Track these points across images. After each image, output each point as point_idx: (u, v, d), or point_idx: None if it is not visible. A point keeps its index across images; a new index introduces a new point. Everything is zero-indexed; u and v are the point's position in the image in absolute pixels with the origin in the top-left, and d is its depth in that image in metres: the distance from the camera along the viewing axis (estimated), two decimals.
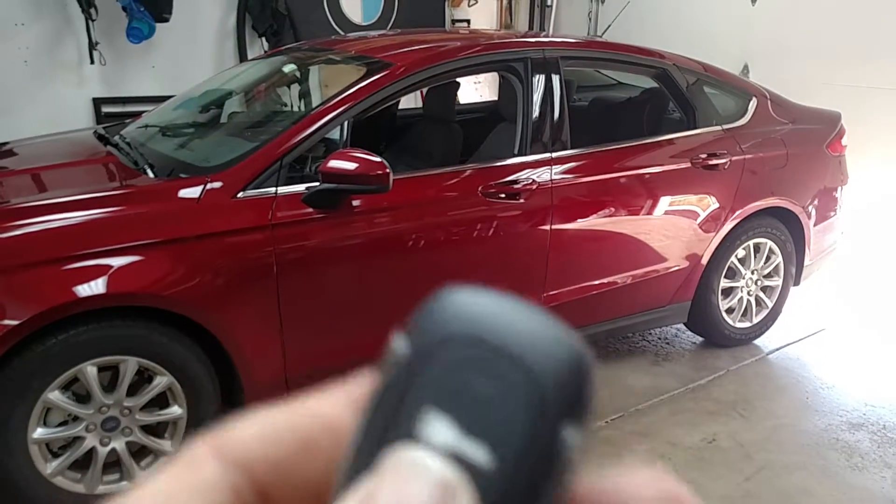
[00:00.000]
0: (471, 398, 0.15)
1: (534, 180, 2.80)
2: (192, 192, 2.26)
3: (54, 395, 2.07)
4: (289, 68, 3.41)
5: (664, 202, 3.15)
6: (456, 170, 2.75)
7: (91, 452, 2.20)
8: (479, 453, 0.15)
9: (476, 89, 5.98)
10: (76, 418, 2.15)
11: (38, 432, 2.09)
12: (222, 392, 2.38)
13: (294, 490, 0.19)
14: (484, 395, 0.15)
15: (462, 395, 0.15)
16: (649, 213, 3.12)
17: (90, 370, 2.10)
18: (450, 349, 0.16)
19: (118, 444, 2.23)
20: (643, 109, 3.57)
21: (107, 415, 2.19)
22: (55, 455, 2.18)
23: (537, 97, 2.90)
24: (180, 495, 0.19)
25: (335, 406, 0.19)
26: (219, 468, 0.19)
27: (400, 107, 3.92)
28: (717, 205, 3.29)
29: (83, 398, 2.15)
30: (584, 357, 0.17)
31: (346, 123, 2.50)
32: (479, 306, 0.17)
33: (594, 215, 2.97)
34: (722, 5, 5.45)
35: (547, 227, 2.84)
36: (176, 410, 2.28)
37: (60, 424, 2.14)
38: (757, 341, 3.73)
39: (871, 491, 2.57)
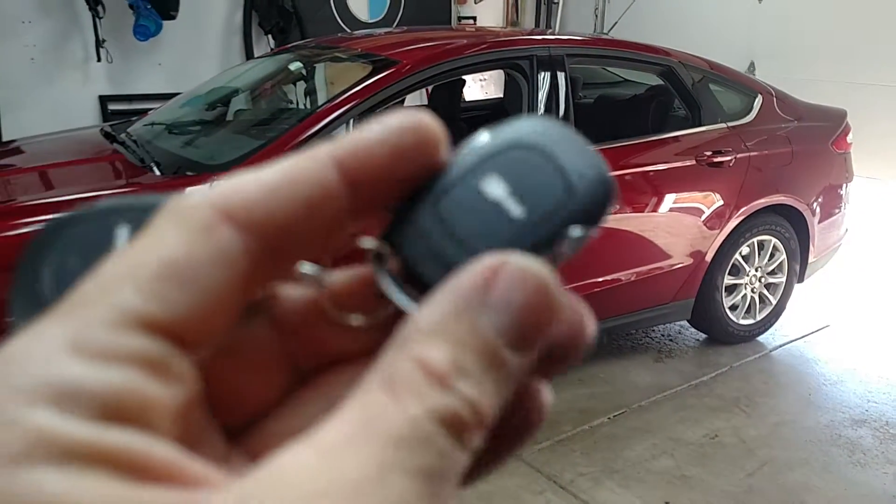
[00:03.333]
0: (523, 178, 0.23)
1: None
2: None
3: None
4: (295, 66, 3.42)
5: (669, 199, 3.16)
6: None
7: None
8: (517, 209, 0.22)
9: (482, 87, 6.00)
10: None
11: None
12: None
13: (298, 251, 0.19)
14: (532, 182, 0.23)
15: (518, 176, 0.23)
16: (654, 210, 3.13)
17: None
18: (518, 147, 0.23)
19: None
20: (649, 107, 3.57)
21: None
22: None
23: (543, 94, 2.91)
24: (202, 267, 0.18)
25: (324, 167, 0.20)
26: (234, 234, 0.18)
27: (405, 104, 3.93)
28: (721, 202, 3.30)
29: None
30: (611, 184, 0.23)
31: (352, 121, 2.52)
32: (547, 128, 0.24)
33: None
34: (728, 3, 5.45)
35: None
36: None
37: None
38: (760, 338, 3.73)
39: (873, 487, 2.58)
